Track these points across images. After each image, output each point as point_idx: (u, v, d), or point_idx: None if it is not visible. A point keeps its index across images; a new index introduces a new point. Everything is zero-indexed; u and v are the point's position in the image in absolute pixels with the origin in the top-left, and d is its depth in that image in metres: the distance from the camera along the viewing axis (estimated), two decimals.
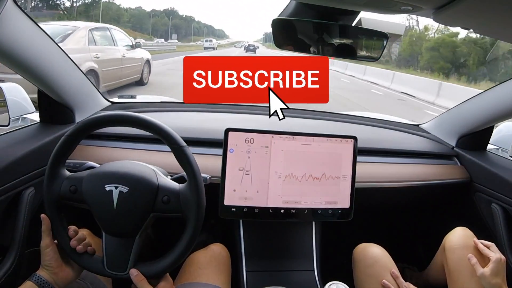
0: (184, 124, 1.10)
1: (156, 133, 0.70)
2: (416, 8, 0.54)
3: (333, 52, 0.84)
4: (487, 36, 0.68)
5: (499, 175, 1.07)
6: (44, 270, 0.68)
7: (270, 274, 1.00)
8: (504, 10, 0.48)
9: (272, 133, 0.89)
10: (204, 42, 30.59)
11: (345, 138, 0.93)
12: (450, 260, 0.93)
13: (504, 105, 1.03)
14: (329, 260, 1.09)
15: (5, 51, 0.72)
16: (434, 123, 1.35)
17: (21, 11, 0.73)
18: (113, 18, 33.96)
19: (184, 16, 67.00)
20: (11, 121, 0.96)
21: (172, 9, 63.37)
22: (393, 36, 0.82)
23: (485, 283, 0.83)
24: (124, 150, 1.01)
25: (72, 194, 0.69)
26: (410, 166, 1.16)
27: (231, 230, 1.09)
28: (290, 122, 1.06)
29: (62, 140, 0.70)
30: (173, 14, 60.08)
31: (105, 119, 0.71)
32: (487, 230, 1.10)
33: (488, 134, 1.20)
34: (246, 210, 0.90)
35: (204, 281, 0.83)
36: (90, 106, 1.11)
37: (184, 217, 0.69)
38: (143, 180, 0.68)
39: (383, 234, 1.39)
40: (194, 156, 0.70)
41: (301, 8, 0.76)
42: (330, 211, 0.94)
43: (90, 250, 0.70)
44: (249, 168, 0.89)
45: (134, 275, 0.67)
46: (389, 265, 0.92)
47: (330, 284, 0.77)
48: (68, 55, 0.96)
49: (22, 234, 0.81)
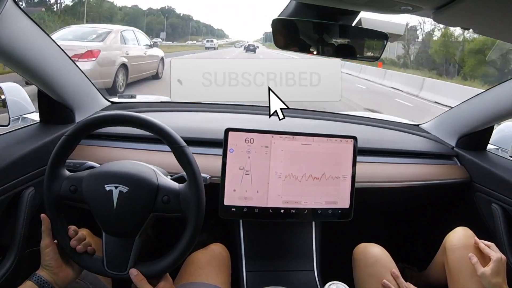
0: (184, 124, 1.10)
1: (156, 133, 0.70)
2: (416, 8, 0.54)
3: (333, 52, 0.84)
4: (487, 36, 0.68)
5: (499, 175, 1.07)
6: (44, 270, 0.68)
7: (270, 274, 1.00)
8: (504, 10, 0.48)
9: (272, 133, 0.89)
10: (205, 42, 30.65)
11: (345, 138, 0.93)
12: (450, 260, 0.93)
13: (504, 105, 1.03)
14: (329, 260, 1.09)
15: (5, 51, 0.72)
16: (434, 123, 1.35)
17: (21, 11, 0.73)
18: (105, 17, 32.90)
19: (181, 15, 65.96)
20: (11, 121, 0.96)
21: (169, 7, 62.74)
22: (393, 36, 0.82)
23: (486, 282, 0.83)
24: (124, 150, 1.01)
25: (72, 194, 0.69)
26: (410, 166, 1.16)
27: (231, 230, 1.09)
28: (290, 122, 1.06)
29: (62, 140, 0.70)
30: (170, 13, 59.35)
31: (105, 119, 0.71)
32: (487, 230, 1.10)
33: (488, 134, 1.20)
34: (246, 210, 0.90)
35: (204, 281, 0.83)
36: (90, 106, 1.11)
37: (184, 217, 0.69)
38: (143, 180, 0.68)
39: (383, 234, 1.40)
40: (194, 156, 0.70)
41: (301, 8, 0.76)
42: (330, 211, 0.94)
43: (90, 250, 0.70)
44: (249, 168, 0.89)
45: (134, 275, 0.67)
46: (389, 265, 0.92)
47: (330, 284, 0.77)
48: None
49: (22, 234, 0.81)
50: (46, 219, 0.69)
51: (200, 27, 79.41)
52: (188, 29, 63.36)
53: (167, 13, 58.60)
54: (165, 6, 63.65)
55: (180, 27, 60.74)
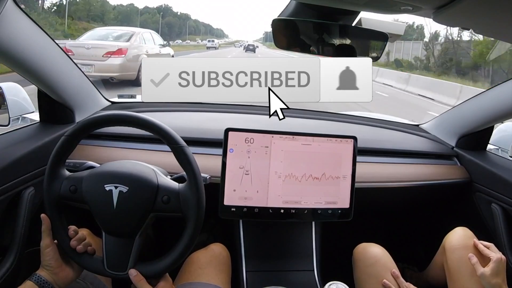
0: (184, 124, 1.10)
1: (156, 133, 0.70)
2: (416, 8, 0.54)
3: (333, 52, 0.84)
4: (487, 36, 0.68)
5: (499, 175, 1.07)
6: (44, 270, 0.68)
7: (270, 274, 1.00)
8: (504, 10, 0.48)
9: (272, 133, 0.89)
10: (206, 42, 33.24)
11: (345, 138, 0.93)
12: (450, 260, 0.93)
13: (504, 105, 1.03)
14: (329, 260, 1.09)
15: (5, 51, 0.72)
16: (434, 123, 1.35)
17: (21, 11, 0.73)
18: (97, 15, 32.37)
19: (178, 14, 64.82)
20: (11, 121, 0.96)
21: (166, 5, 61.87)
22: (393, 36, 0.83)
23: (485, 283, 0.83)
24: (124, 150, 1.01)
25: (72, 194, 0.69)
26: (410, 166, 1.16)
27: (231, 230, 1.09)
28: (290, 122, 1.06)
29: (62, 140, 0.70)
30: (166, 11, 58.30)
31: (105, 119, 0.71)
32: (487, 230, 1.10)
33: (488, 134, 1.20)
34: (246, 210, 0.90)
35: (204, 281, 0.83)
36: (90, 106, 1.11)
37: (184, 217, 0.69)
38: (143, 180, 0.68)
39: (383, 234, 1.39)
40: (194, 156, 0.70)
41: (301, 8, 0.76)
42: (330, 211, 0.94)
43: (90, 250, 0.70)
44: (249, 168, 0.89)
45: (133, 275, 0.67)
46: (389, 265, 0.92)
47: (330, 284, 0.77)
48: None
49: (22, 234, 0.81)
50: (46, 219, 0.69)
51: (198, 26, 78.71)
52: (186, 28, 62.78)
53: (164, 11, 57.91)
54: (161, 4, 63.02)
55: (177, 26, 60.20)
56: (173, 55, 8.10)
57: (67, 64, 0.97)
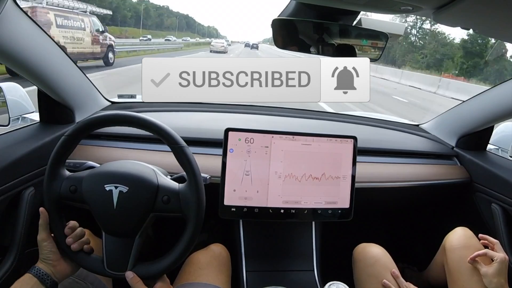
0: (184, 124, 1.10)
1: (156, 133, 0.70)
2: (416, 8, 0.54)
3: (333, 52, 0.85)
4: (487, 36, 0.68)
5: (499, 175, 1.07)
6: (43, 263, 0.68)
7: (270, 274, 1.00)
8: (504, 10, 0.48)
9: (272, 133, 0.89)
10: (211, 46, 24.17)
11: (345, 138, 0.93)
12: (450, 260, 0.93)
13: (504, 105, 1.03)
14: (329, 260, 1.09)
15: (5, 51, 0.72)
16: (434, 123, 1.35)
17: (21, 11, 0.73)
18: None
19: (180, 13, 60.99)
20: (11, 121, 0.96)
21: (164, 5, 58.23)
22: (393, 36, 0.83)
23: (488, 281, 0.83)
24: (124, 150, 1.01)
25: (72, 194, 0.69)
26: (410, 166, 1.16)
27: (231, 230, 1.09)
28: (290, 122, 1.06)
29: (62, 140, 0.70)
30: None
31: (105, 119, 0.71)
32: (487, 230, 1.10)
33: (488, 134, 1.20)
34: (246, 210, 0.90)
35: (204, 281, 0.83)
36: (90, 106, 1.11)
37: (184, 217, 0.69)
38: (143, 180, 0.68)
39: (383, 234, 1.40)
40: (194, 156, 0.70)
41: (301, 8, 0.76)
42: (330, 211, 0.94)
43: (86, 249, 0.70)
44: (249, 168, 0.89)
45: (129, 277, 0.67)
46: (389, 265, 0.92)
47: (330, 284, 0.77)
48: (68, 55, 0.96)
49: (22, 234, 0.81)
50: (44, 213, 0.69)
51: (196, 25, 76.64)
52: (161, 21, 57.35)
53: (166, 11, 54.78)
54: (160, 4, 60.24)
55: (138, 17, 54.11)
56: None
57: (67, 64, 0.97)
